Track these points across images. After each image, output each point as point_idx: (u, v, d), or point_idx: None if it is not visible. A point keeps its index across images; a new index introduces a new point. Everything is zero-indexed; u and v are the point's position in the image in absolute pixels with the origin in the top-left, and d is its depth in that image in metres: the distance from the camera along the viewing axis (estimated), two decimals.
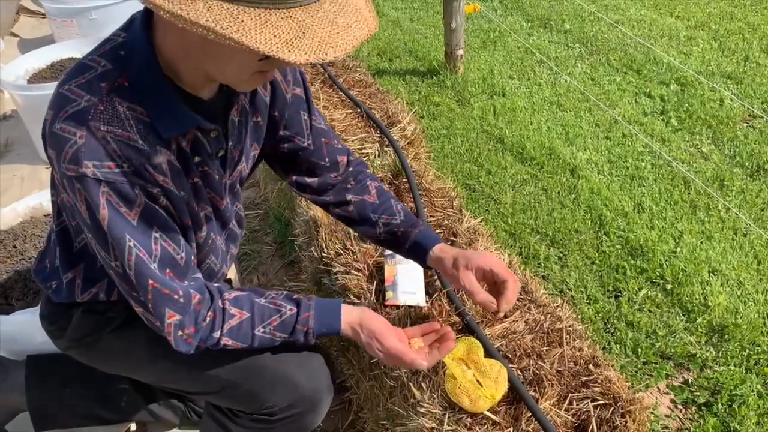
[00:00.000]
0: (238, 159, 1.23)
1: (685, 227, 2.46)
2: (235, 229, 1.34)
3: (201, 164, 1.12)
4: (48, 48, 3.23)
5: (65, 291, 1.21)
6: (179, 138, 1.05)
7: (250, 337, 1.15)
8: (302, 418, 1.30)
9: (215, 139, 1.12)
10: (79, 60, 1.03)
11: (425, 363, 1.16)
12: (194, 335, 1.10)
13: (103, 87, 0.97)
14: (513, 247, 2.41)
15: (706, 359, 1.95)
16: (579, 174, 2.78)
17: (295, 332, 1.18)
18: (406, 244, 1.36)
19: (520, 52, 3.91)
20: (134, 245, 1.01)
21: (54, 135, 0.96)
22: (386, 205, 1.39)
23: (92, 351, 1.30)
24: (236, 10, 0.82)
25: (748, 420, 1.76)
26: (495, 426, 1.17)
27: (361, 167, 1.44)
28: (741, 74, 3.50)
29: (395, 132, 2.07)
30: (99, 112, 0.95)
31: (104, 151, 0.95)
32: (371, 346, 1.19)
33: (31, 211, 2.18)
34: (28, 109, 2.91)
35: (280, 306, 1.18)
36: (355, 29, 0.90)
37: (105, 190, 0.97)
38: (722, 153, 2.91)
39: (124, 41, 1.01)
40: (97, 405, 1.69)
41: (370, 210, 1.39)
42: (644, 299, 2.15)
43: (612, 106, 3.29)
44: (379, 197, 1.40)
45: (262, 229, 2.62)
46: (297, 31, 0.84)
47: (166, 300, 1.06)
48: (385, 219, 1.38)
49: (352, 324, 1.20)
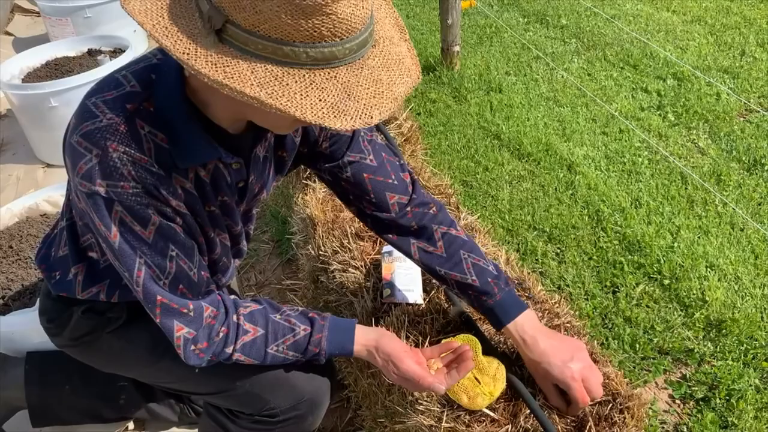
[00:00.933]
0: (258, 191, 1.22)
1: (682, 222, 2.46)
2: (242, 246, 1.33)
3: (220, 194, 1.11)
4: (43, 47, 3.22)
5: (67, 285, 1.21)
6: (198, 168, 1.04)
7: (262, 354, 1.14)
8: (303, 420, 1.30)
9: (237, 171, 1.11)
10: (112, 73, 1.01)
11: (443, 387, 1.13)
12: (206, 350, 1.09)
13: (128, 108, 0.95)
14: (510, 243, 2.41)
15: (704, 354, 1.95)
16: (576, 170, 2.78)
17: (307, 352, 1.16)
18: (480, 310, 1.27)
19: (516, 47, 3.91)
20: (144, 262, 1.01)
21: (71, 147, 0.95)
22: (455, 260, 1.26)
23: (90, 350, 1.30)
24: (281, 72, 0.80)
25: (746, 414, 1.76)
26: (493, 423, 1.17)
27: (426, 209, 1.31)
28: (737, 69, 3.50)
29: (392, 129, 2.07)
30: (118, 133, 0.93)
31: (119, 172, 0.94)
32: (387, 369, 1.16)
33: (27, 211, 2.18)
34: (23, 109, 2.90)
35: (295, 325, 1.16)
36: (399, 85, 0.88)
37: (119, 209, 0.96)
38: (719, 148, 2.91)
39: (158, 64, 0.99)
40: (96, 403, 1.69)
41: (437, 264, 1.28)
42: (642, 295, 2.15)
43: (609, 101, 3.29)
44: (447, 248, 1.28)
45: (259, 228, 2.61)
46: (342, 93, 0.82)
47: (174, 314, 1.06)
48: (455, 278, 1.26)
49: (367, 346, 1.18)
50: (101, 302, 1.22)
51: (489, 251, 1.56)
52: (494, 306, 1.23)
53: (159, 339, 1.11)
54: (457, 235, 1.30)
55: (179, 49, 0.80)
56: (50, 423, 1.72)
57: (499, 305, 1.23)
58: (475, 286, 1.24)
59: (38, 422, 1.70)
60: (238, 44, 0.80)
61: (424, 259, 1.29)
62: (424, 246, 1.29)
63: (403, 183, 1.31)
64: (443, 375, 1.14)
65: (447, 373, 1.15)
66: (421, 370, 1.14)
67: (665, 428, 1.78)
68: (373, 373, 1.48)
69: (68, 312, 1.25)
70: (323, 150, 1.25)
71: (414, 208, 1.31)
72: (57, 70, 3.07)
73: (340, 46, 0.81)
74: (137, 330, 1.24)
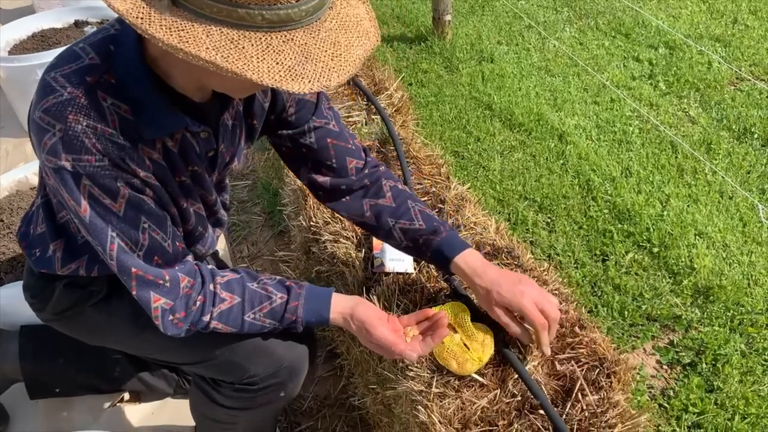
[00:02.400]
0: (230, 159, 1.22)
1: (672, 191, 2.48)
2: (221, 216, 1.33)
3: (190, 164, 1.10)
4: (28, 18, 3.17)
5: (46, 262, 1.21)
6: (165, 138, 1.03)
7: (240, 322, 1.15)
8: (283, 387, 1.32)
9: (205, 140, 1.10)
10: (70, 46, 1.00)
11: (415, 355, 1.15)
12: (184, 319, 1.10)
13: (88, 81, 0.94)
14: (501, 213, 2.43)
15: (692, 320, 1.98)
16: (567, 140, 2.79)
17: (284, 320, 1.17)
18: (428, 252, 1.28)
19: (508, 17, 3.88)
20: (116, 235, 1.00)
21: (35, 123, 0.94)
22: (403, 209, 1.30)
23: (74, 324, 1.30)
24: (236, 35, 0.79)
25: (731, 378, 1.80)
26: (482, 388, 1.19)
27: (377, 169, 1.36)
28: (729, 37, 3.49)
29: (382, 99, 2.06)
30: (80, 106, 0.92)
31: (83, 146, 0.93)
32: (361, 336, 1.19)
33: (16, 185, 2.17)
34: (10, 82, 2.87)
35: (271, 293, 1.17)
36: (357, 47, 0.88)
37: (86, 183, 0.95)
38: (709, 116, 2.92)
39: (116, 35, 0.98)
40: (92, 374, 1.71)
41: (387, 215, 1.30)
42: (631, 263, 2.18)
43: (600, 70, 3.28)
44: (395, 199, 1.32)
45: (251, 200, 2.62)
46: (299, 56, 0.81)
47: (150, 285, 1.06)
48: (403, 225, 1.29)
49: (343, 314, 1.19)
50: (82, 277, 1.22)
51: (479, 221, 1.57)
52: (441, 243, 1.25)
53: (140, 311, 1.11)
54: (403, 189, 1.35)
55: (133, 14, 0.79)
56: (46, 395, 1.74)
57: (446, 242, 1.25)
58: (423, 229, 1.27)
59: (35, 394, 1.71)
60: (193, 8, 0.79)
61: (376, 213, 1.31)
62: (375, 201, 1.32)
63: (359, 148, 1.34)
64: (418, 342, 1.16)
65: (422, 340, 1.16)
66: (394, 337, 1.16)
67: (652, 393, 1.81)
68: None
69: (51, 287, 1.25)
70: (289, 116, 1.25)
71: (368, 170, 1.35)
72: (44, 42, 3.03)
73: (296, 8, 0.80)
74: (118, 303, 1.24)
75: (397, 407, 1.37)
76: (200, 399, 1.40)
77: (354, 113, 2.00)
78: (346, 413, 1.78)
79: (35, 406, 1.79)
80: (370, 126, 1.96)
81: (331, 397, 1.83)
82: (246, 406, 1.34)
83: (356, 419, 1.75)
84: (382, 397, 1.45)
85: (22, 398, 1.73)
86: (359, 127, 1.96)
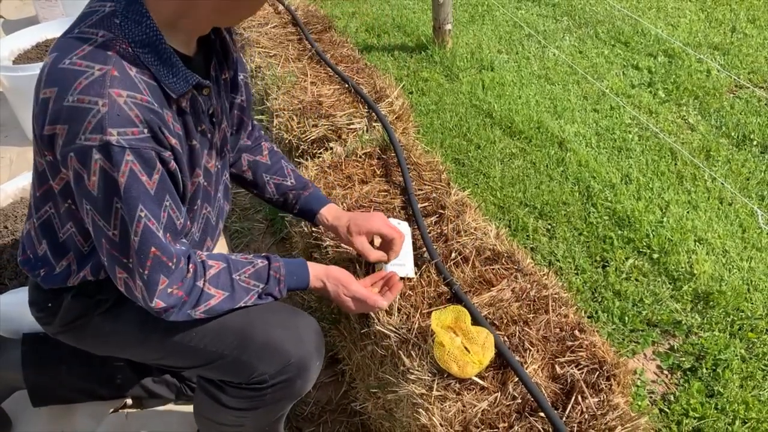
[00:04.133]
0: (221, 116, 1.25)
1: (671, 197, 2.49)
2: (222, 203, 1.35)
3: (199, 124, 1.15)
4: (33, 28, 3.20)
5: (55, 278, 1.22)
6: (180, 99, 1.07)
7: (230, 283, 1.20)
8: (292, 384, 1.32)
9: (207, 97, 1.15)
10: (66, 36, 1.02)
11: (385, 303, 1.33)
12: (181, 288, 1.14)
13: (110, 55, 0.97)
14: (502, 220, 2.44)
15: (692, 326, 1.99)
16: (567, 147, 2.80)
17: (270, 279, 1.24)
18: (296, 206, 1.49)
19: (508, 26, 3.91)
20: (145, 215, 1.03)
21: (70, 108, 0.96)
22: (277, 167, 1.50)
23: (83, 334, 1.31)
24: None
25: (731, 383, 1.80)
26: (483, 391, 1.20)
27: (258, 129, 1.54)
28: (728, 45, 3.52)
29: (383, 107, 2.08)
30: (116, 79, 0.96)
31: (128, 117, 0.96)
32: (338, 294, 1.31)
33: (21, 192, 2.19)
34: (14, 91, 2.89)
35: (252, 260, 1.25)
36: None
37: (129, 159, 0.98)
38: (709, 123, 2.94)
39: (114, 9, 1.01)
40: (94, 382, 1.71)
41: (262, 170, 1.49)
42: (631, 268, 2.19)
43: (600, 78, 3.30)
44: (270, 158, 1.50)
45: (253, 207, 2.63)
46: None
47: (162, 267, 1.09)
48: (276, 180, 1.49)
49: (319, 276, 1.31)
50: (91, 286, 1.23)
51: (479, 226, 1.58)
52: (310, 196, 1.48)
53: (147, 315, 1.14)
54: (277, 151, 1.55)
55: None
56: (49, 402, 1.74)
57: (314, 196, 1.49)
58: (294, 185, 1.50)
59: (37, 402, 1.71)
60: None
61: (253, 168, 1.49)
62: (252, 157, 1.50)
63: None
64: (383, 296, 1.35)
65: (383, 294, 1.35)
66: (367, 290, 1.33)
67: (653, 398, 1.82)
68: (365, 346, 1.51)
69: (58, 299, 1.26)
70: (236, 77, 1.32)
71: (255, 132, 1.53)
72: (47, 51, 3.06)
73: None
74: (126, 310, 1.25)
75: (398, 411, 1.38)
76: (206, 403, 1.40)
77: (355, 120, 2.02)
78: (347, 418, 1.79)
79: (38, 412, 1.79)
80: (371, 133, 1.98)
81: (333, 402, 1.84)
82: (254, 406, 1.33)
83: (358, 424, 1.76)
84: (383, 401, 1.46)
85: (24, 404, 1.74)
86: (360, 134, 1.98)
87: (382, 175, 1.81)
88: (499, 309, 1.35)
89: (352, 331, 1.58)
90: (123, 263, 1.08)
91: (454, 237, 1.54)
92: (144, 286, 1.09)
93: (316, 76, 2.28)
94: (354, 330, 1.56)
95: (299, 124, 2.03)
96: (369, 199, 1.70)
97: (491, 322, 1.33)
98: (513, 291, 1.39)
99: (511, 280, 1.43)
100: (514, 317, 1.34)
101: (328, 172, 1.81)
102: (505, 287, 1.41)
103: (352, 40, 2.72)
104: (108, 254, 1.09)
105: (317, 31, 2.64)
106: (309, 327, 1.33)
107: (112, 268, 1.10)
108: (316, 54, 2.40)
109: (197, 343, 1.21)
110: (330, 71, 2.30)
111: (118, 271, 1.10)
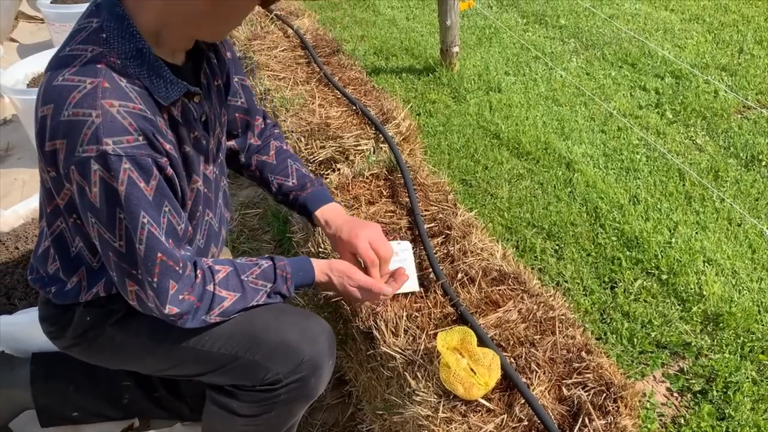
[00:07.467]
0: (214, 122, 1.27)
1: (680, 218, 2.48)
2: (223, 210, 1.37)
3: (192, 130, 1.17)
4: (47, 53, 3.26)
5: (67, 294, 1.24)
6: (171, 107, 1.10)
7: (239, 284, 1.22)
8: (306, 384, 1.31)
9: (198, 104, 1.18)
10: (57, 55, 1.06)
11: (390, 290, 1.34)
12: (192, 293, 1.15)
13: (100, 68, 1.00)
14: (509, 240, 2.44)
15: (701, 347, 1.97)
16: (575, 168, 2.80)
17: (277, 279, 1.25)
18: (296, 205, 1.50)
19: (515, 48, 3.93)
20: (147, 221, 1.05)
21: (66, 123, 0.98)
22: (282, 167, 1.51)
23: (94, 346, 1.32)
24: None
25: (743, 406, 1.78)
26: (489, 413, 1.20)
27: (272, 128, 1.55)
28: (735, 66, 3.52)
29: (390, 128, 2.10)
30: (107, 90, 0.99)
31: (122, 126, 0.99)
32: (344, 285, 1.31)
33: (32, 213, 2.21)
34: (28, 114, 2.93)
35: (257, 261, 1.27)
36: None
37: (126, 167, 1.00)
38: (717, 144, 2.93)
39: (100, 25, 1.05)
40: (102, 402, 1.71)
41: (268, 171, 1.51)
42: (640, 290, 2.17)
43: (607, 99, 3.31)
44: (276, 157, 1.52)
45: (261, 228, 2.64)
46: None
47: (170, 272, 1.11)
48: (279, 180, 1.51)
49: (323, 270, 1.31)
50: (101, 297, 1.25)
51: (486, 246, 1.58)
52: (307, 196, 1.48)
53: (158, 323, 1.16)
54: (286, 149, 1.56)
55: None
56: (58, 423, 1.74)
57: (311, 197, 1.48)
58: (294, 186, 1.50)
59: (46, 422, 1.72)
60: None
61: (260, 167, 1.52)
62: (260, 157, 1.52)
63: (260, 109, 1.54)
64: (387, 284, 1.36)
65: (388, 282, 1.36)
66: (371, 279, 1.33)
67: (663, 420, 1.80)
68: (372, 368, 1.51)
69: (70, 312, 1.28)
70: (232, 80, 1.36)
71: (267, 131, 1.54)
72: None
73: None
74: (138, 319, 1.26)
75: None
76: (217, 415, 1.39)
77: (362, 142, 2.03)
78: None
79: None
80: (378, 154, 1.99)
81: (339, 424, 1.83)
82: (267, 409, 1.33)
83: None
84: (389, 423, 1.45)
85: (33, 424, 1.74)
86: (368, 155, 1.99)
87: (388, 196, 1.82)
88: (506, 330, 1.35)
89: (359, 352, 1.58)
90: (132, 275, 1.10)
91: (461, 257, 1.55)
92: (155, 294, 1.11)
93: (324, 98, 2.30)
94: (360, 351, 1.56)
95: (307, 145, 2.05)
96: (376, 220, 1.71)
97: (497, 343, 1.32)
98: (519, 312, 1.39)
99: (517, 301, 1.42)
100: (521, 338, 1.33)
101: (335, 193, 1.82)
102: (512, 308, 1.40)
103: (361, 62, 2.75)
104: (117, 268, 1.10)
105: (325, 54, 2.67)
106: (321, 327, 1.34)
107: (122, 282, 1.12)
108: (324, 77, 2.43)
109: (210, 347, 1.23)
110: (338, 93, 2.32)
111: (129, 283, 1.11)
